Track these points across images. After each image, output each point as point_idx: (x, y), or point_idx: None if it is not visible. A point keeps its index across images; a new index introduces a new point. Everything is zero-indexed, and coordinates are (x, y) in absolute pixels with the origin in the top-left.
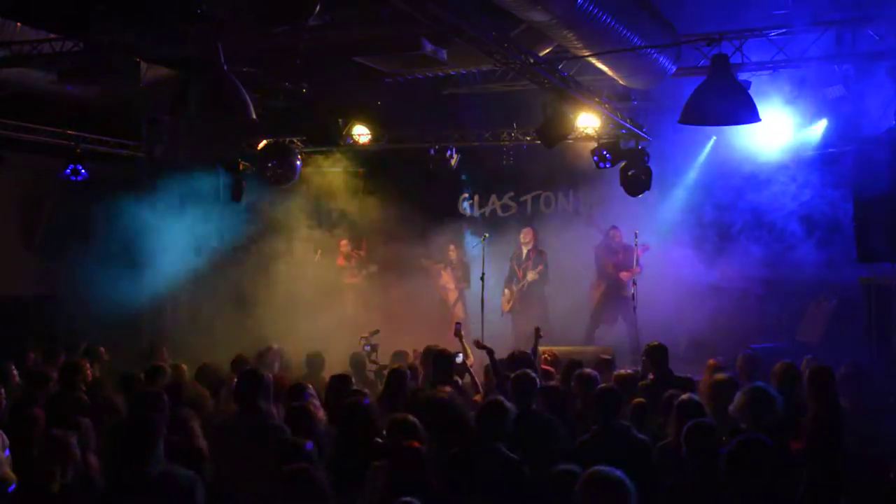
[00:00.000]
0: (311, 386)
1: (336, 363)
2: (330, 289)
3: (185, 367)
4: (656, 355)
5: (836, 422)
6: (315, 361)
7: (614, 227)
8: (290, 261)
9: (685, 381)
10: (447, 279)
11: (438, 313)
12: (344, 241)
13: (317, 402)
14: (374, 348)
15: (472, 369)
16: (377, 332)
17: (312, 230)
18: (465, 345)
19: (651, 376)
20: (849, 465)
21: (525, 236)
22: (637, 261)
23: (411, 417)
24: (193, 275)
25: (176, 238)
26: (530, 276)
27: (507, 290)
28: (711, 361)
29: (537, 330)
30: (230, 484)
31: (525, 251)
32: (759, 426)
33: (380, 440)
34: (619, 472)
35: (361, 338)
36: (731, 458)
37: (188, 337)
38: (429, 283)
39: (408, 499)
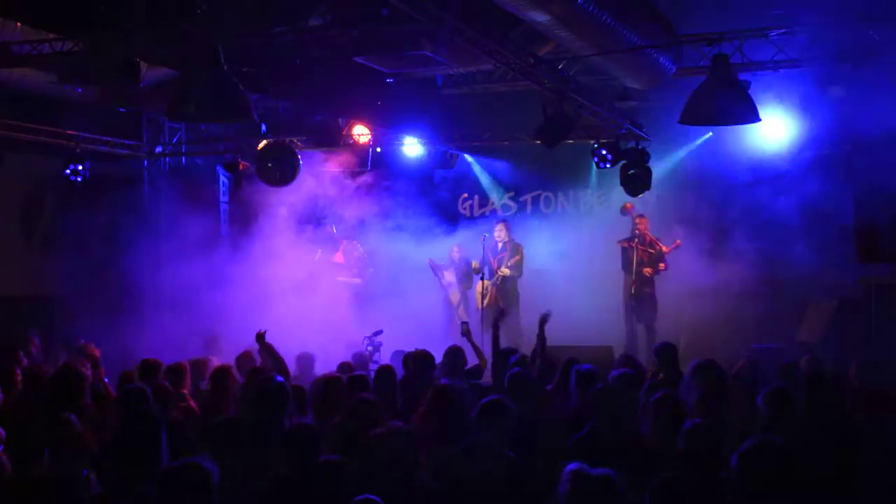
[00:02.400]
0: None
1: (335, 363)
2: (329, 289)
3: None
4: (666, 355)
5: (841, 424)
6: (306, 361)
7: (641, 215)
8: (289, 260)
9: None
10: (451, 279)
11: (441, 313)
12: (345, 241)
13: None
14: (376, 348)
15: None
16: (381, 331)
17: (312, 230)
18: (475, 345)
19: (660, 376)
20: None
21: (500, 232)
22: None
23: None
24: (193, 274)
25: (176, 238)
26: (503, 270)
27: (481, 283)
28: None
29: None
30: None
31: (500, 245)
32: (777, 428)
33: None
34: (606, 470)
35: (365, 337)
36: (744, 459)
37: (186, 335)
38: (429, 283)
39: (366, 496)
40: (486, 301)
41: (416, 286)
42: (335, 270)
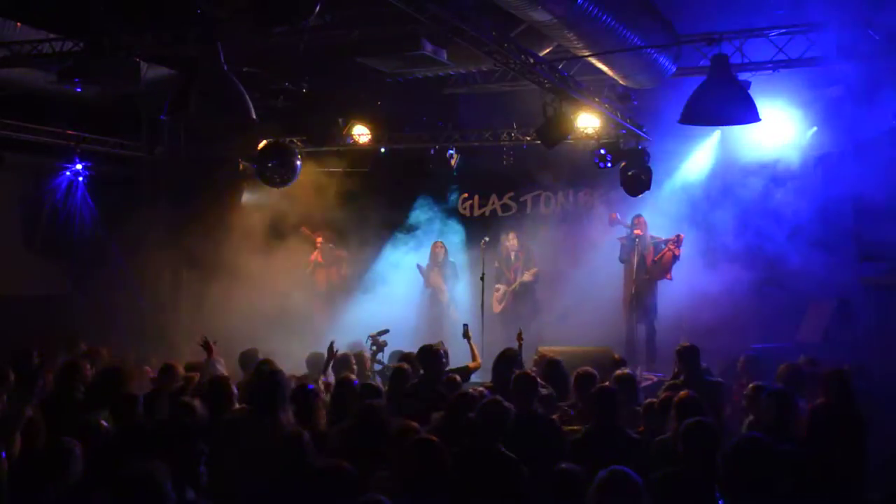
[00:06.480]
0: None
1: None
2: (326, 289)
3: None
4: (688, 356)
5: (857, 422)
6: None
7: (638, 216)
8: (288, 261)
9: (715, 385)
10: (437, 279)
11: (433, 314)
12: (319, 238)
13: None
14: (379, 347)
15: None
16: (387, 331)
17: (310, 230)
18: (473, 346)
19: (682, 378)
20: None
21: (512, 241)
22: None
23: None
24: (192, 274)
25: (174, 238)
26: (526, 276)
27: (499, 288)
28: None
29: (519, 334)
30: (234, 486)
31: (513, 254)
32: (782, 429)
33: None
34: (634, 475)
35: (369, 336)
36: (730, 457)
37: (187, 336)
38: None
39: (374, 495)
40: (501, 307)
41: (414, 286)
42: (333, 272)
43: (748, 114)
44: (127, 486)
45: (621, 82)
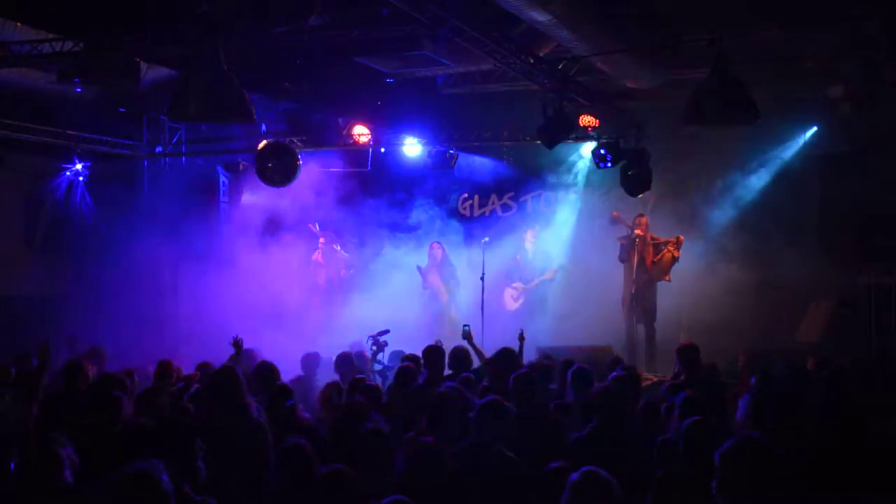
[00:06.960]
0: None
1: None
2: (326, 288)
3: None
4: (688, 356)
5: (857, 422)
6: (310, 362)
7: (641, 215)
8: (287, 261)
9: (719, 385)
10: (436, 279)
11: (433, 314)
12: (322, 239)
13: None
14: (380, 348)
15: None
16: (387, 331)
17: (310, 230)
18: (476, 347)
19: (682, 377)
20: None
21: (531, 236)
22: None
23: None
24: (192, 274)
25: (176, 238)
26: (547, 274)
27: (512, 289)
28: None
29: (521, 334)
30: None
31: (530, 255)
32: (766, 428)
33: None
34: (605, 474)
35: (369, 336)
36: (728, 457)
37: (186, 336)
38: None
39: (396, 496)
40: (517, 304)
41: (414, 286)
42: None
43: (748, 113)
44: (123, 485)
45: (621, 82)
